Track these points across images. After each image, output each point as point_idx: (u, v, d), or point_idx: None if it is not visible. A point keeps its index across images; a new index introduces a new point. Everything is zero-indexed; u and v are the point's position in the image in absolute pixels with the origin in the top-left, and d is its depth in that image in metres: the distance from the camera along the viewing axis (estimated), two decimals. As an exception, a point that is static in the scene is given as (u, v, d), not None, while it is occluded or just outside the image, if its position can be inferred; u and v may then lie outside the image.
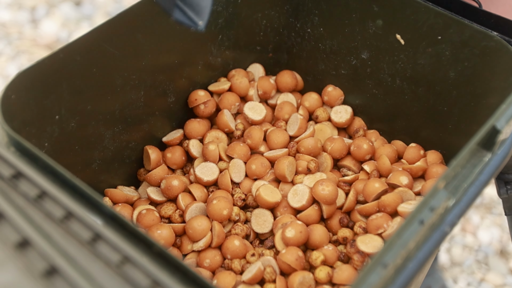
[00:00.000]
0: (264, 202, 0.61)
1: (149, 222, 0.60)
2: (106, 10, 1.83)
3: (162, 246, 0.37)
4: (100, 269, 0.34)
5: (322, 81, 0.71)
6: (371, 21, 0.63)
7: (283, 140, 0.66)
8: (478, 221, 1.43)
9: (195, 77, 0.68)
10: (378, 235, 0.58)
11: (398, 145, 0.68)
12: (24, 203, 0.37)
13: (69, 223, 0.36)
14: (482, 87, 0.58)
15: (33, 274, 0.33)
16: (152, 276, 0.34)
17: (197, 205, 0.61)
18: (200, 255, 0.60)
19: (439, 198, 0.42)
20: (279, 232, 0.59)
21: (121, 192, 0.63)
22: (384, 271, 0.38)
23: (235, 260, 0.59)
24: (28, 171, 0.38)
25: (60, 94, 0.53)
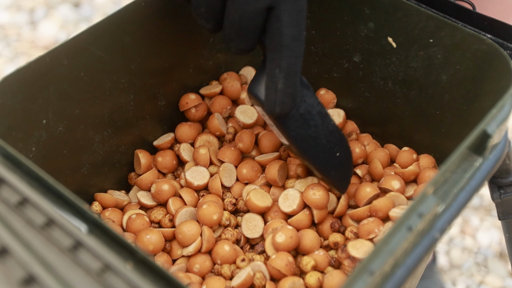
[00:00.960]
0: (255, 206, 0.61)
1: (139, 227, 0.59)
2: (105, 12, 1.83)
3: (145, 253, 0.36)
4: (80, 277, 0.34)
5: (314, 84, 0.71)
6: (363, 24, 0.63)
7: (274, 144, 0.66)
8: (477, 223, 1.43)
9: (186, 80, 0.67)
10: (370, 240, 0.57)
11: (391, 149, 0.67)
12: (5, 209, 0.37)
13: (50, 230, 0.36)
14: (474, 90, 0.58)
15: (11, 283, 0.32)
16: (133, 284, 0.34)
17: (187, 209, 0.61)
18: (190, 260, 0.59)
19: (428, 204, 0.42)
20: (270, 237, 0.59)
21: (111, 197, 0.62)
22: (371, 278, 0.38)
23: (225, 265, 0.58)
24: (9, 177, 0.38)
25: (47, 98, 0.53)
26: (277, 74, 0.49)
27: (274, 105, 0.51)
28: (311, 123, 0.55)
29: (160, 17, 0.60)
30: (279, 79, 0.49)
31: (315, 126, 0.56)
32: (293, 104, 0.51)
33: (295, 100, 0.51)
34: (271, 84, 0.50)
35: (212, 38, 0.67)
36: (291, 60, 0.49)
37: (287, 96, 0.50)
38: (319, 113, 0.56)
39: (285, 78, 0.49)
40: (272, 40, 0.48)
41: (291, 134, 0.55)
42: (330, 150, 0.58)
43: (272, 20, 0.48)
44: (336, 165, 0.59)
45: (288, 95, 0.50)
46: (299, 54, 0.49)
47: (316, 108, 0.55)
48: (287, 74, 0.49)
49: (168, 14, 0.60)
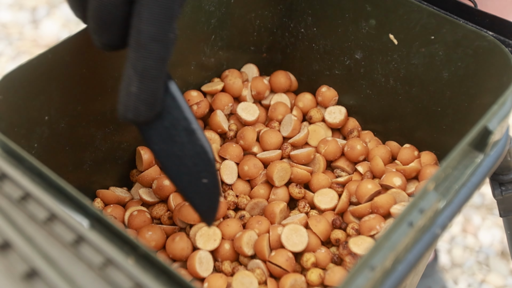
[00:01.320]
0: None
1: (140, 224, 0.59)
2: (107, 11, 1.83)
3: (147, 248, 0.37)
4: (82, 271, 0.34)
5: (316, 82, 0.71)
6: (364, 21, 0.63)
7: (276, 141, 0.66)
8: (479, 222, 1.43)
9: (188, 78, 0.67)
10: (371, 236, 0.57)
11: (392, 146, 0.67)
12: (7, 204, 0.37)
13: (52, 225, 0.36)
14: (476, 87, 0.58)
15: (13, 277, 0.32)
16: (135, 279, 0.34)
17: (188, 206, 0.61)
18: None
19: (429, 199, 0.42)
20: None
21: (112, 193, 0.62)
22: (372, 273, 0.38)
23: (225, 262, 0.58)
24: (12, 173, 0.38)
25: (49, 95, 0.53)
26: (132, 75, 0.43)
27: (126, 110, 0.44)
28: (177, 139, 0.48)
29: (162, 14, 0.60)
30: (132, 82, 0.43)
31: (180, 144, 0.48)
32: (149, 113, 0.45)
33: (152, 109, 0.45)
34: (125, 86, 0.44)
35: (214, 35, 0.67)
36: (148, 62, 0.43)
37: (142, 103, 0.44)
38: (185, 130, 0.48)
39: (140, 82, 0.43)
40: (132, 37, 0.43)
41: (154, 148, 0.48)
42: (196, 174, 0.50)
43: (133, 15, 0.43)
44: (202, 193, 0.51)
45: (143, 101, 0.44)
46: (160, 57, 0.43)
47: (182, 123, 0.48)
48: (142, 77, 0.43)
49: (170, 11, 0.60)
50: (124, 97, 0.44)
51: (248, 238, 0.58)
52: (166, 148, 0.48)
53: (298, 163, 0.64)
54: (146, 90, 0.44)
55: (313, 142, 0.67)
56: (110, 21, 0.43)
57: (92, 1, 0.43)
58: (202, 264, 0.57)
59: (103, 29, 0.44)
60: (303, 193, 0.63)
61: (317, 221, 0.59)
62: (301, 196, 0.63)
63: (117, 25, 0.44)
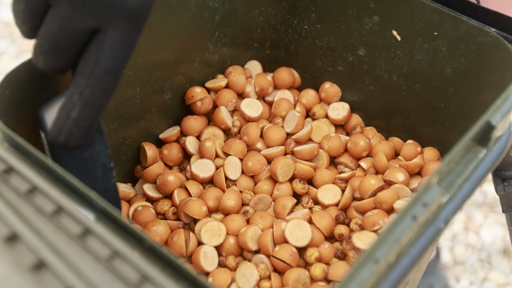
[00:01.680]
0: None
1: (145, 219, 0.60)
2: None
3: (153, 241, 0.37)
4: (89, 263, 0.34)
5: (319, 78, 0.71)
6: (368, 18, 0.63)
7: (280, 137, 0.66)
8: (481, 220, 1.43)
9: (192, 74, 0.68)
10: (374, 231, 0.58)
11: (395, 142, 0.67)
12: (15, 197, 0.37)
13: (59, 218, 0.36)
14: (479, 83, 0.58)
15: (22, 268, 0.33)
16: (141, 271, 0.34)
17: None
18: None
19: (432, 193, 0.42)
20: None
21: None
22: (376, 266, 0.38)
23: (229, 257, 0.59)
24: (19, 166, 0.38)
25: (55, 90, 0.53)
26: (76, 101, 0.43)
27: (59, 133, 0.45)
28: (91, 173, 0.49)
29: (166, 10, 0.60)
30: (75, 107, 0.44)
31: (93, 178, 0.49)
32: (81, 140, 0.45)
33: (85, 136, 0.45)
34: (65, 109, 0.44)
35: (218, 32, 0.67)
36: (96, 92, 0.43)
37: (78, 129, 0.44)
38: (103, 166, 0.49)
39: (82, 109, 0.44)
40: (85, 64, 0.43)
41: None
42: None
43: (93, 43, 0.43)
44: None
45: (79, 128, 0.44)
46: (108, 90, 0.44)
47: (102, 159, 0.49)
48: (86, 105, 0.43)
49: (174, 7, 0.61)
50: (61, 120, 0.44)
51: (252, 233, 0.59)
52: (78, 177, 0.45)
53: (302, 159, 0.65)
54: (86, 118, 0.44)
55: (317, 138, 0.68)
56: (67, 46, 0.42)
57: (52, 21, 0.42)
58: (206, 258, 0.57)
59: (55, 52, 0.43)
60: (307, 188, 0.64)
61: (320, 216, 0.59)
62: (304, 191, 0.63)
63: (72, 51, 0.43)
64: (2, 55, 1.71)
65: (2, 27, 1.78)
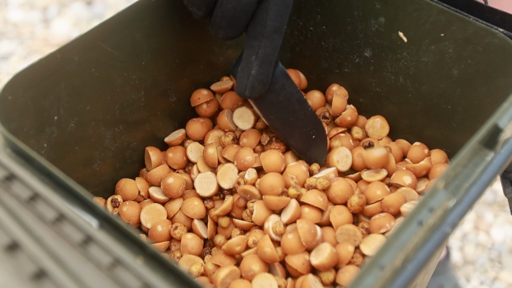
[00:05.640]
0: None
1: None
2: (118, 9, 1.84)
3: (155, 248, 0.37)
4: (91, 271, 0.34)
5: (325, 80, 0.71)
6: (374, 19, 0.63)
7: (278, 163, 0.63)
8: (491, 219, 1.42)
9: (197, 77, 0.67)
10: (381, 234, 0.57)
11: (403, 144, 0.67)
12: (16, 205, 0.37)
13: (61, 225, 0.36)
14: (486, 84, 0.58)
15: (22, 277, 0.33)
16: (144, 279, 0.34)
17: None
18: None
19: (438, 198, 0.42)
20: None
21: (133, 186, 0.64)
22: (381, 272, 0.38)
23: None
24: (20, 173, 0.38)
25: (58, 95, 0.53)
26: (253, 61, 0.53)
27: (244, 89, 0.55)
28: (290, 109, 0.60)
29: (170, 13, 0.60)
30: (253, 66, 0.53)
31: (293, 112, 0.60)
32: (262, 90, 0.55)
33: (265, 87, 0.55)
34: (246, 69, 0.54)
35: (223, 34, 0.67)
36: (268, 50, 0.53)
37: (258, 82, 0.54)
38: (298, 100, 0.60)
39: (259, 66, 0.53)
40: (255, 29, 0.52)
41: (270, 118, 0.60)
42: (307, 133, 0.62)
43: (259, 11, 0.51)
44: (312, 146, 0.63)
45: (259, 81, 0.54)
46: (277, 45, 0.53)
47: (295, 96, 0.60)
48: (262, 62, 0.53)
49: (179, 10, 0.60)
50: (244, 79, 0.55)
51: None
52: (281, 116, 0.60)
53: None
54: (263, 73, 0.54)
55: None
56: (242, 18, 0.52)
57: (227, 2, 0.50)
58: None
59: (232, 25, 0.52)
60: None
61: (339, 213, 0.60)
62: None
63: (246, 21, 0.52)
64: (11, 56, 1.72)
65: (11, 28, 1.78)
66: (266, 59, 0.53)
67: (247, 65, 0.54)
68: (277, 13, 0.51)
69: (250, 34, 0.53)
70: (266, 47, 0.52)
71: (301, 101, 0.60)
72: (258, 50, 0.52)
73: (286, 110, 0.60)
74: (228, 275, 0.56)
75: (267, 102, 0.58)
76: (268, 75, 0.54)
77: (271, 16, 0.51)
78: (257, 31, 0.52)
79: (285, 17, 0.52)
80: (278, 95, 0.58)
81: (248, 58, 0.53)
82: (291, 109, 0.60)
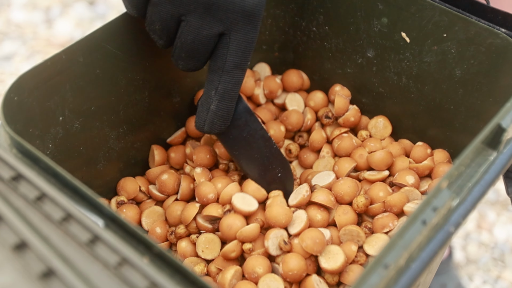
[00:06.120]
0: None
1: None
2: (120, 10, 1.84)
3: (161, 248, 0.37)
4: (98, 270, 0.34)
5: (328, 80, 0.71)
6: (376, 19, 0.63)
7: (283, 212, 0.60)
8: (494, 218, 1.42)
9: (200, 77, 0.68)
10: (385, 234, 0.57)
11: (405, 143, 0.67)
12: (24, 205, 0.37)
13: (68, 225, 0.36)
14: (489, 84, 0.58)
15: (30, 276, 0.33)
16: (150, 278, 0.34)
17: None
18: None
19: (442, 197, 0.42)
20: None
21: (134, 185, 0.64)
22: (386, 271, 0.38)
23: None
24: (27, 173, 0.39)
25: (63, 96, 0.53)
26: (212, 96, 0.52)
27: (203, 124, 0.54)
28: (254, 145, 0.59)
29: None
30: (213, 101, 0.52)
31: (257, 149, 0.59)
32: (223, 126, 0.55)
33: (225, 123, 0.54)
34: (205, 103, 0.53)
35: (226, 34, 0.67)
36: (227, 86, 0.52)
37: (218, 118, 0.54)
38: (262, 137, 0.59)
39: (219, 101, 0.52)
40: (215, 63, 0.51)
41: (235, 154, 0.60)
42: (272, 171, 0.61)
43: (220, 45, 0.50)
44: (277, 183, 0.62)
45: (219, 117, 0.54)
46: (238, 82, 0.52)
47: (259, 132, 0.59)
48: (222, 98, 0.52)
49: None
50: (203, 113, 0.54)
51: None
52: (245, 152, 0.59)
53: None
54: (223, 108, 0.53)
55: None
56: (201, 51, 0.51)
57: (186, 33, 0.50)
58: None
59: (191, 57, 0.51)
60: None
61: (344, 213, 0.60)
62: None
63: (206, 54, 0.51)
64: (14, 56, 1.72)
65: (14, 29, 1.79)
66: (226, 94, 0.52)
67: (206, 99, 0.53)
68: (238, 49, 0.50)
69: (210, 68, 0.52)
70: (226, 83, 0.52)
71: (266, 138, 0.60)
72: (217, 85, 0.52)
73: (250, 146, 0.59)
74: (233, 275, 0.56)
75: (230, 138, 0.58)
76: (229, 111, 0.54)
77: (231, 51, 0.50)
78: (217, 65, 0.51)
79: (247, 53, 0.51)
80: (242, 131, 0.58)
81: (208, 93, 0.53)
82: (256, 146, 0.59)
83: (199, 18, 0.49)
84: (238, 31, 0.49)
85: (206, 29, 0.49)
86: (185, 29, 0.50)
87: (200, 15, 0.49)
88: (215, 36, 0.50)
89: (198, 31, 0.49)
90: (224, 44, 0.50)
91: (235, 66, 0.51)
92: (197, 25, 0.49)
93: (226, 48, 0.50)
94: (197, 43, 0.50)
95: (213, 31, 0.49)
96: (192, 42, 0.50)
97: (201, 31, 0.49)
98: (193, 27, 0.49)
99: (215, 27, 0.49)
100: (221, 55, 0.50)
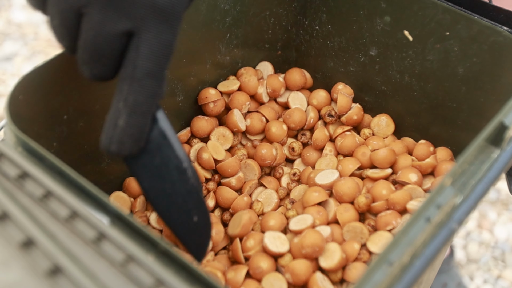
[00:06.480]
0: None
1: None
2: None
3: (167, 245, 0.37)
4: (104, 268, 0.34)
5: (331, 79, 0.71)
6: (379, 18, 0.63)
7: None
8: (494, 217, 1.43)
9: (204, 76, 0.68)
10: (388, 231, 0.58)
11: (408, 141, 0.67)
12: (30, 202, 0.37)
13: (74, 223, 0.36)
14: (491, 82, 0.58)
15: (37, 273, 0.33)
16: (156, 275, 0.34)
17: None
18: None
19: (446, 195, 0.42)
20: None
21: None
22: (390, 268, 0.38)
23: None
24: (33, 171, 0.39)
25: (68, 94, 0.53)
26: (121, 108, 0.43)
27: (110, 142, 0.44)
28: (167, 178, 0.48)
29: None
30: (121, 115, 0.43)
31: (170, 182, 0.49)
32: (134, 148, 0.45)
33: (137, 143, 0.44)
34: (113, 117, 0.43)
35: (229, 33, 0.67)
36: (138, 98, 0.42)
37: (128, 137, 0.44)
38: (177, 169, 0.48)
39: (129, 116, 0.43)
40: (125, 70, 0.42)
41: (144, 185, 0.48)
42: (187, 212, 0.51)
43: (130, 48, 0.42)
44: (192, 231, 0.52)
45: (129, 135, 0.44)
46: (151, 93, 0.43)
47: (174, 162, 0.48)
48: (132, 112, 0.43)
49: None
50: (110, 129, 0.44)
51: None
52: (156, 185, 0.48)
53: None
54: (133, 125, 0.43)
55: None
56: (106, 52, 0.42)
57: (86, 30, 0.41)
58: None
59: (96, 60, 0.43)
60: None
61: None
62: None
63: (113, 57, 0.43)
64: (15, 57, 1.72)
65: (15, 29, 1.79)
66: (137, 108, 0.42)
67: (114, 113, 0.43)
68: (150, 52, 0.41)
69: (120, 75, 0.43)
70: (136, 93, 0.42)
71: (181, 170, 0.48)
72: (127, 96, 0.42)
73: (162, 178, 0.48)
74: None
75: (139, 164, 0.47)
76: (141, 129, 0.44)
77: (142, 55, 0.41)
78: (127, 72, 0.42)
79: (162, 58, 0.42)
80: (153, 157, 0.47)
81: (116, 105, 0.43)
82: (169, 178, 0.48)
83: (100, 11, 0.41)
84: (149, 31, 0.41)
85: (109, 24, 0.41)
86: (86, 25, 0.41)
87: (101, 7, 0.40)
88: (122, 35, 0.41)
89: (100, 27, 0.41)
90: (134, 46, 0.41)
91: (147, 73, 0.42)
92: (99, 20, 0.41)
93: (135, 51, 0.41)
94: (100, 42, 0.41)
95: (118, 27, 0.41)
96: (94, 41, 0.41)
97: (104, 27, 0.41)
98: (94, 22, 0.41)
99: (119, 23, 0.41)
100: (131, 59, 0.42)
